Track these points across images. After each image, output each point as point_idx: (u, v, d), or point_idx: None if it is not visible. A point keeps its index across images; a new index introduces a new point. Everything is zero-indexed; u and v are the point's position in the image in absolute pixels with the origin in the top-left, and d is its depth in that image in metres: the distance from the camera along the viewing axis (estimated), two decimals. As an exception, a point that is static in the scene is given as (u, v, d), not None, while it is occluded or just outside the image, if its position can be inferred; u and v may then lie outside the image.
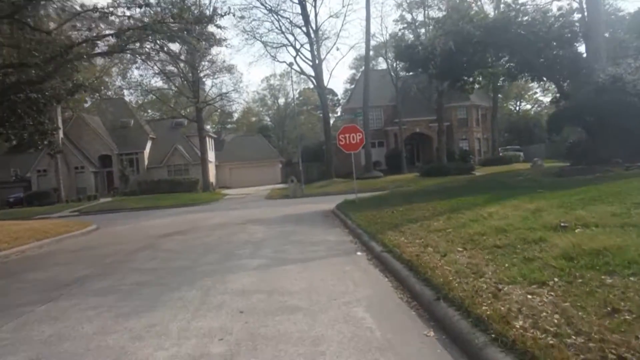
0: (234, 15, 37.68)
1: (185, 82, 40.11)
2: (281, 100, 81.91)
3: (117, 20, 13.90)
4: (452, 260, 5.65)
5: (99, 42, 14.39)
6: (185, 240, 11.51)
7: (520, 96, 59.43)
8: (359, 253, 8.05)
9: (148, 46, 16.27)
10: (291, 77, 38.32)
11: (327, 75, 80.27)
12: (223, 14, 15.85)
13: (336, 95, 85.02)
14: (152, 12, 14.09)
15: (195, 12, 15.32)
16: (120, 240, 12.80)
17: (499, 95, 45.73)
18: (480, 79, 22.79)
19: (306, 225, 12.91)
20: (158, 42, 15.60)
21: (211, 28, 16.14)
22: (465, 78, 22.14)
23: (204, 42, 17.35)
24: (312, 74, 39.08)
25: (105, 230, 16.15)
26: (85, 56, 14.49)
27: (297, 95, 79.41)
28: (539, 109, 60.57)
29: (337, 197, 26.55)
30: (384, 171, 39.67)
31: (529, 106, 62.73)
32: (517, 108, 63.11)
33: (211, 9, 18.24)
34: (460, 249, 6.29)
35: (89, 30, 14.21)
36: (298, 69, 44.01)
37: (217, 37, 18.41)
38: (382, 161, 43.46)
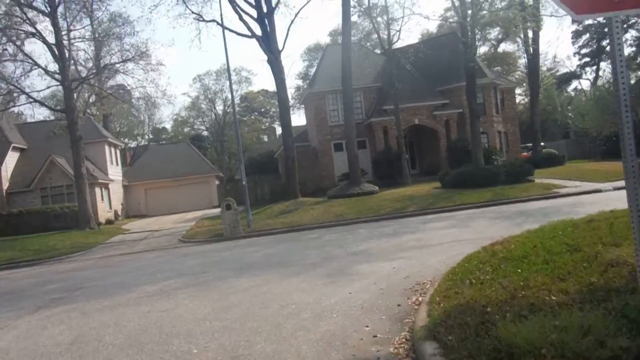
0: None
1: (45, 46, 24.36)
2: (219, 108, 65.72)
3: None
4: None
5: None
6: None
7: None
8: None
9: None
10: (225, 44, 25.71)
11: (283, 35, 56.31)
12: None
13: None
14: None
15: None
16: None
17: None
18: None
19: None
20: None
21: None
22: None
23: None
24: (258, 32, 24.41)
25: None
26: None
27: (237, 101, 63.89)
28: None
29: (316, 236, 12.46)
30: (371, 182, 25.53)
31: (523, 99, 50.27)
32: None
33: None
34: None
35: None
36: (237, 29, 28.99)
37: None
38: (365, 168, 29.09)
